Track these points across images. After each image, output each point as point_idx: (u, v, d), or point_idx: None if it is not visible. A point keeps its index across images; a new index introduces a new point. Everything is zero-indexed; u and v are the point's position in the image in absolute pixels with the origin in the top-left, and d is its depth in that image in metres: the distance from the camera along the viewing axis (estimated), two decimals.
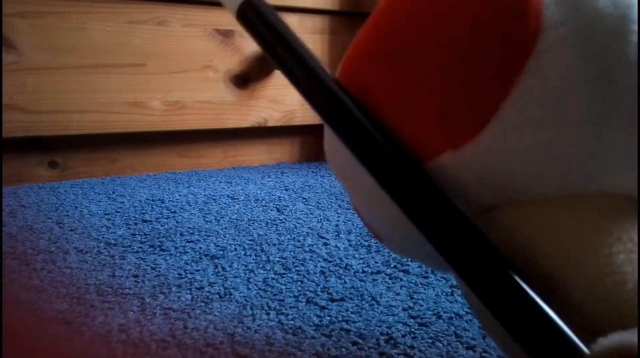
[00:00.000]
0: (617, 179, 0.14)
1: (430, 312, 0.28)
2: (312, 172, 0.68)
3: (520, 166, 0.14)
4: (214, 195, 0.54)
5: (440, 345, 0.25)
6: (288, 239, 0.41)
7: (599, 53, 0.13)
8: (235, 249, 0.38)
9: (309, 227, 0.44)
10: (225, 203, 0.51)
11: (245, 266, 0.35)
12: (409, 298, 0.30)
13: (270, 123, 0.71)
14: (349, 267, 0.35)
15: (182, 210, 0.48)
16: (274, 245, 0.39)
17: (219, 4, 0.65)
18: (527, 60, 0.13)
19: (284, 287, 0.32)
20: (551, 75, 0.13)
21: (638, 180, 0.15)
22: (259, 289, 0.31)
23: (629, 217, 0.14)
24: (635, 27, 0.13)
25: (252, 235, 0.42)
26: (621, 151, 0.14)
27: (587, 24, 0.13)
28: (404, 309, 0.29)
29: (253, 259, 0.36)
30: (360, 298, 0.30)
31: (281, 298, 0.30)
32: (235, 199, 0.53)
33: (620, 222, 0.14)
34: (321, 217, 0.47)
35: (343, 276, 0.33)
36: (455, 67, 0.14)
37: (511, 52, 0.13)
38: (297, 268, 0.35)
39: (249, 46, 0.67)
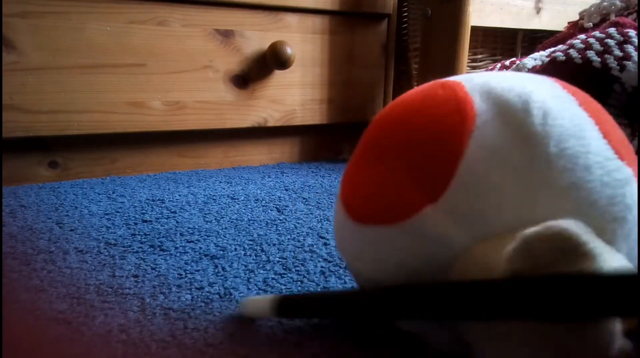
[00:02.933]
0: (556, 208, 0.19)
1: None
2: (312, 172, 0.68)
3: (482, 206, 0.19)
4: (214, 195, 0.54)
5: None
6: (288, 239, 0.41)
7: (514, 123, 0.19)
8: (235, 249, 0.38)
9: (309, 227, 0.44)
10: (225, 203, 0.51)
11: (245, 266, 0.35)
12: None
13: (270, 123, 0.71)
14: None
15: (182, 210, 0.48)
16: (274, 245, 0.39)
17: (219, 4, 0.65)
18: (471, 132, 0.20)
19: (284, 287, 0.32)
20: (487, 139, 0.19)
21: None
22: (259, 289, 0.31)
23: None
24: (535, 104, 0.20)
25: (252, 235, 0.42)
26: (551, 190, 0.19)
27: (503, 108, 0.20)
28: None
29: (253, 259, 0.36)
30: None
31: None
32: (235, 199, 0.53)
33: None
34: (321, 217, 0.47)
35: (343, 276, 0.33)
36: (423, 144, 0.21)
37: (461, 125, 0.20)
38: (297, 268, 0.35)
39: (249, 46, 0.67)
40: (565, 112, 0.20)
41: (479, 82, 0.21)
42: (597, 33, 0.45)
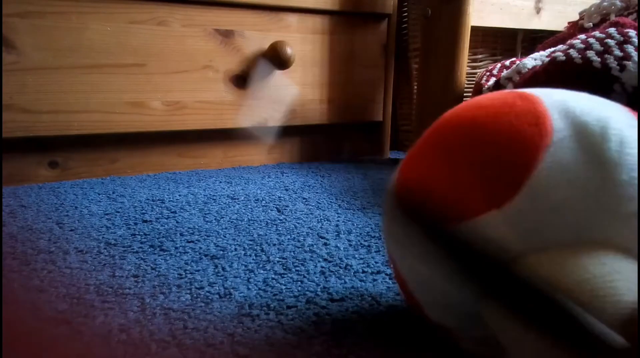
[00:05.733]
0: (615, 232, 0.19)
1: None
2: (312, 172, 0.68)
3: (545, 220, 0.19)
4: (214, 195, 0.54)
5: (441, 345, 0.25)
6: (288, 239, 0.41)
7: (591, 145, 0.20)
8: (235, 249, 0.38)
9: (309, 227, 0.44)
10: (225, 203, 0.51)
11: (245, 266, 0.35)
12: None
13: (270, 123, 0.71)
14: (349, 267, 0.35)
15: (182, 210, 0.48)
16: (274, 245, 0.39)
17: (219, 4, 0.65)
18: (547, 147, 0.20)
19: (284, 287, 0.32)
20: (562, 157, 0.20)
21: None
22: (259, 289, 0.31)
23: (620, 259, 0.19)
24: (613, 130, 0.20)
25: (252, 235, 0.42)
26: (614, 216, 0.19)
27: (581, 129, 0.20)
28: (403, 309, 0.29)
29: (253, 259, 0.36)
30: (360, 298, 0.30)
31: (281, 298, 0.30)
32: (235, 199, 0.53)
33: (614, 262, 0.19)
34: (321, 217, 0.47)
35: (343, 276, 0.33)
36: (494, 151, 0.21)
37: (538, 138, 0.20)
38: (297, 268, 0.35)
39: (249, 46, 0.67)
40: (638, 143, 0.20)
41: (557, 100, 0.22)
42: (597, 33, 0.45)
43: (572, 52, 0.44)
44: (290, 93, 0.72)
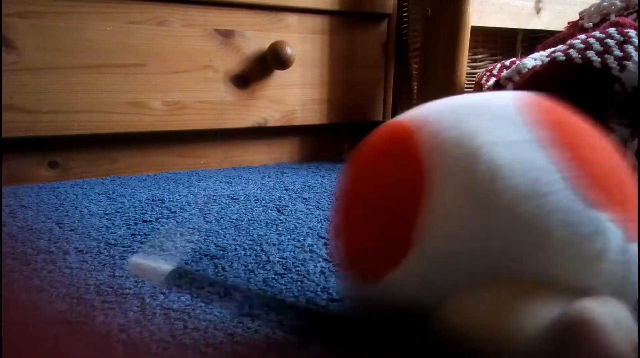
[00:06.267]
0: (523, 267, 0.19)
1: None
2: (312, 172, 0.68)
3: (441, 269, 0.20)
4: (214, 195, 0.54)
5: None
6: (288, 239, 0.41)
7: (464, 187, 0.19)
8: (235, 249, 0.38)
9: (309, 227, 0.44)
10: (225, 203, 0.51)
11: (245, 266, 0.35)
12: None
13: (270, 123, 0.71)
14: None
15: (182, 210, 0.48)
16: (274, 245, 0.39)
17: (219, 4, 0.65)
18: (424, 200, 0.20)
19: (284, 287, 0.32)
20: (441, 207, 0.19)
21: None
22: (259, 289, 0.31)
23: (536, 297, 0.18)
24: (483, 164, 0.19)
25: (252, 235, 0.42)
26: (508, 255, 0.19)
27: (454, 168, 0.20)
28: None
29: (253, 259, 0.36)
30: None
31: (281, 298, 0.30)
32: (235, 199, 0.53)
33: (530, 302, 0.18)
34: (321, 217, 0.47)
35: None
36: (381, 217, 0.21)
37: (415, 196, 0.20)
38: (297, 268, 0.35)
39: (249, 46, 0.67)
40: (518, 167, 0.19)
41: (430, 131, 0.21)
42: (597, 33, 0.45)
43: (572, 52, 0.44)
44: (290, 93, 0.72)
